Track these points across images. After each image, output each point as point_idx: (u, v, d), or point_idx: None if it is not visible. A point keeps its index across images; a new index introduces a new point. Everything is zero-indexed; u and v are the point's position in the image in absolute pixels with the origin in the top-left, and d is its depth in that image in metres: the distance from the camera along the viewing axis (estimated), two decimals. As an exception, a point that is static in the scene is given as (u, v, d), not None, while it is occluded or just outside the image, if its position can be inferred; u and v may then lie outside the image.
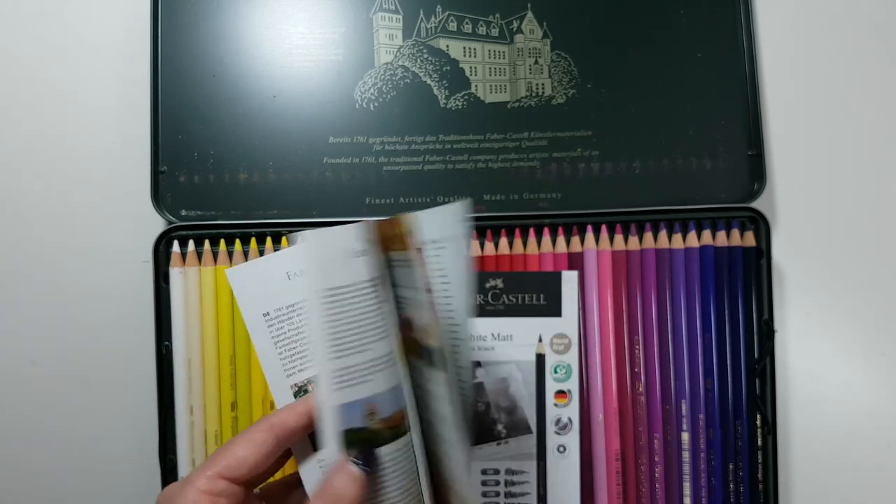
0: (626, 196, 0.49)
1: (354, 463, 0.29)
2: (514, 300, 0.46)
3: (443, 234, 0.33)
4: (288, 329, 0.33)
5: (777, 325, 0.47)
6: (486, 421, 0.46)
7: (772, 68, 0.52)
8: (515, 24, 0.51)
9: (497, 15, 0.51)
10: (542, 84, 0.50)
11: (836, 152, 0.52)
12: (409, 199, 0.49)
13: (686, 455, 0.46)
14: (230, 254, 0.46)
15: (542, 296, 0.46)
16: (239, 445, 0.29)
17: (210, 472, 0.28)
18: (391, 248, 0.34)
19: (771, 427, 0.47)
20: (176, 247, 0.46)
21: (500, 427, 0.46)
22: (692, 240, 0.47)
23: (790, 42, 0.53)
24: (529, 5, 0.51)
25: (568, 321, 0.46)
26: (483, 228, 0.48)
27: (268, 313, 0.33)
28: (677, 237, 0.48)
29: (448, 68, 0.50)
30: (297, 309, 0.33)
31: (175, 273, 0.46)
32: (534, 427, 0.46)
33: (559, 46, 0.50)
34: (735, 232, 0.48)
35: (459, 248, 0.33)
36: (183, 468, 0.45)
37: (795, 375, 0.50)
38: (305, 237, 0.30)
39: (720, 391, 0.47)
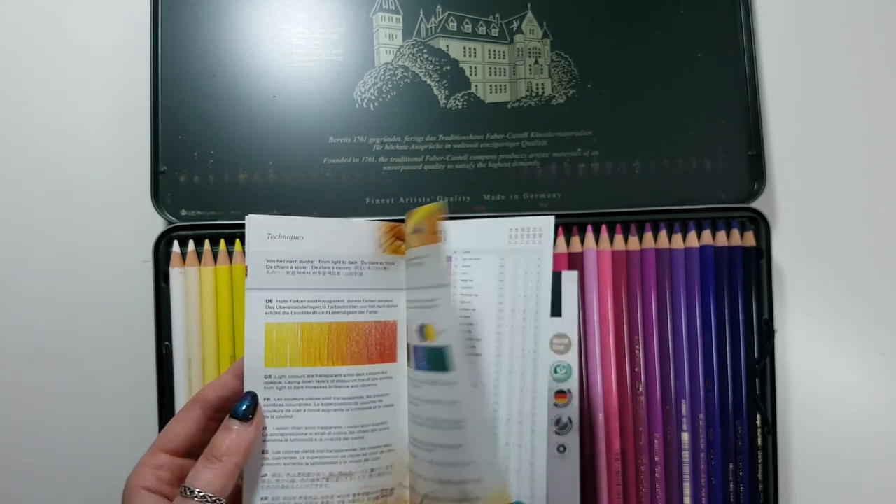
0: (626, 196, 0.49)
1: (231, 417, 0.32)
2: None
3: (477, 247, 0.34)
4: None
5: (777, 325, 0.47)
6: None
7: (772, 68, 0.52)
8: (515, 24, 0.51)
9: (497, 15, 0.51)
10: (542, 84, 0.50)
11: (836, 152, 0.52)
12: (409, 199, 0.49)
13: (686, 455, 0.46)
14: (230, 254, 0.46)
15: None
16: (173, 422, 0.34)
17: (154, 448, 0.33)
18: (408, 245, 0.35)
19: (771, 427, 0.47)
20: (176, 247, 0.46)
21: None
22: (692, 240, 0.47)
23: (790, 42, 0.53)
24: (529, 5, 0.51)
25: (568, 321, 0.46)
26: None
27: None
28: (677, 237, 0.48)
29: (448, 68, 0.50)
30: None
31: (175, 273, 0.46)
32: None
33: (559, 46, 0.50)
34: (735, 232, 0.48)
35: (494, 262, 0.34)
36: (183, 468, 0.45)
37: (795, 375, 0.50)
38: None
39: (720, 391, 0.47)
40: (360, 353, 0.34)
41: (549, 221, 0.33)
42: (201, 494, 0.30)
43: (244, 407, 0.32)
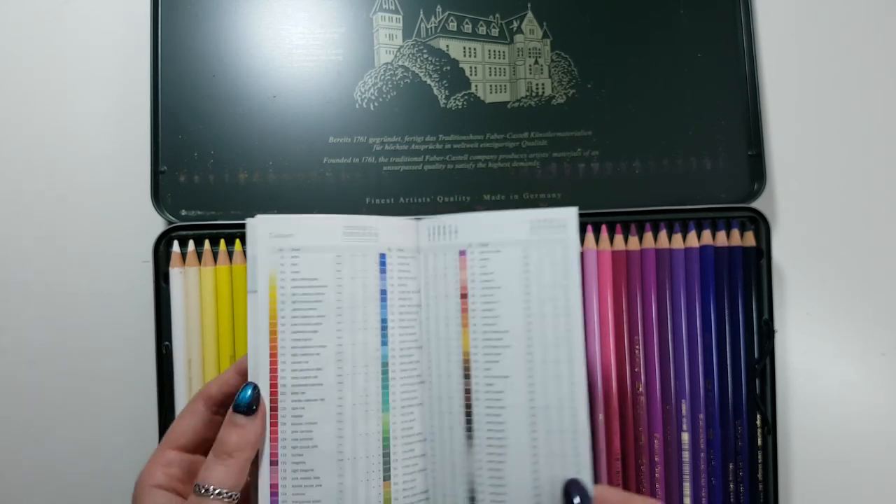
0: (626, 196, 0.49)
1: (237, 412, 0.32)
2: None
3: (495, 239, 0.35)
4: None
5: (777, 325, 0.47)
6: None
7: (772, 68, 0.52)
8: (515, 24, 0.51)
9: (497, 15, 0.51)
10: (542, 84, 0.50)
11: (836, 152, 0.52)
12: (409, 199, 0.49)
13: (686, 455, 0.46)
14: (230, 254, 0.46)
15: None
16: (179, 419, 0.34)
17: (162, 446, 0.34)
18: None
19: (771, 427, 0.47)
20: (176, 247, 0.46)
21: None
22: (692, 240, 0.47)
23: (790, 42, 0.53)
24: (529, 5, 0.51)
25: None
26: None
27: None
28: (677, 237, 0.48)
29: (448, 68, 0.50)
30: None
31: (175, 273, 0.46)
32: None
33: (559, 46, 0.50)
34: (735, 232, 0.48)
35: (517, 254, 0.34)
36: (183, 468, 0.45)
37: (795, 375, 0.50)
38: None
39: (720, 391, 0.47)
40: None
41: (572, 212, 0.34)
42: (216, 492, 0.30)
43: (248, 400, 0.32)
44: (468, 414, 0.35)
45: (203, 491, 0.30)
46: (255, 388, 0.33)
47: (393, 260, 0.36)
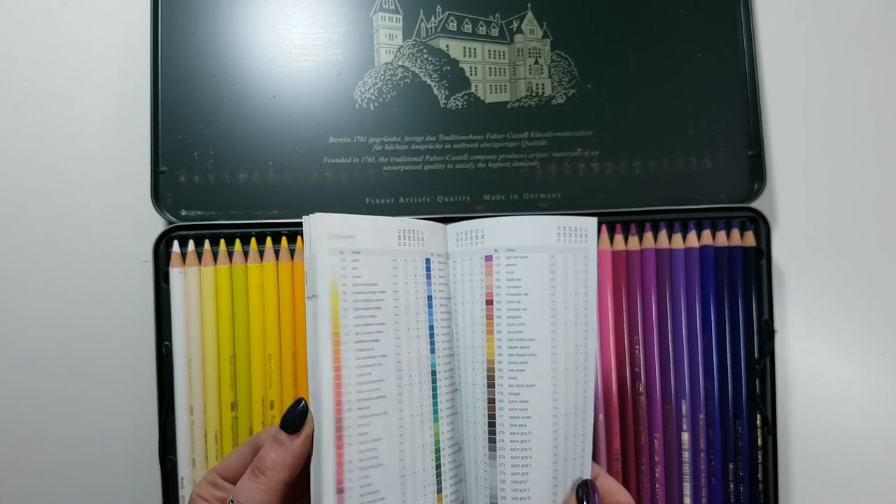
0: (626, 196, 0.49)
1: (280, 427, 0.31)
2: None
3: (523, 244, 0.34)
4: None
5: (777, 325, 0.47)
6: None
7: (772, 68, 0.52)
8: (515, 24, 0.51)
9: (497, 15, 0.51)
10: (542, 84, 0.50)
11: (836, 152, 0.52)
12: (409, 199, 0.49)
13: (686, 455, 0.46)
14: (230, 254, 0.46)
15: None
16: (232, 453, 0.35)
17: (213, 469, 0.34)
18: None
19: (771, 427, 0.47)
20: (176, 247, 0.46)
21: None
22: (692, 240, 0.47)
23: (790, 41, 0.53)
24: (529, 5, 0.51)
25: (568, 321, 0.46)
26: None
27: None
28: (677, 237, 0.48)
29: (448, 68, 0.50)
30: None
31: (175, 273, 0.46)
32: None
33: (559, 46, 0.50)
34: (735, 232, 0.48)
35: (545, 260, 0.34)
36: (183, 468, 0.45)
37: (795, 375, 0.50)
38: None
39: (720, 391, 0.47)
40: None
41: (593, 222, 0.35)
42: None
43: (295, 415, 0.31)
44: (492, 424, 0.34)
45: None
46: (305, 405, 0.31)
47: (435, 265, 0.35)
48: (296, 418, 0.31)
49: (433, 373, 0.34)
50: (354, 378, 0.31)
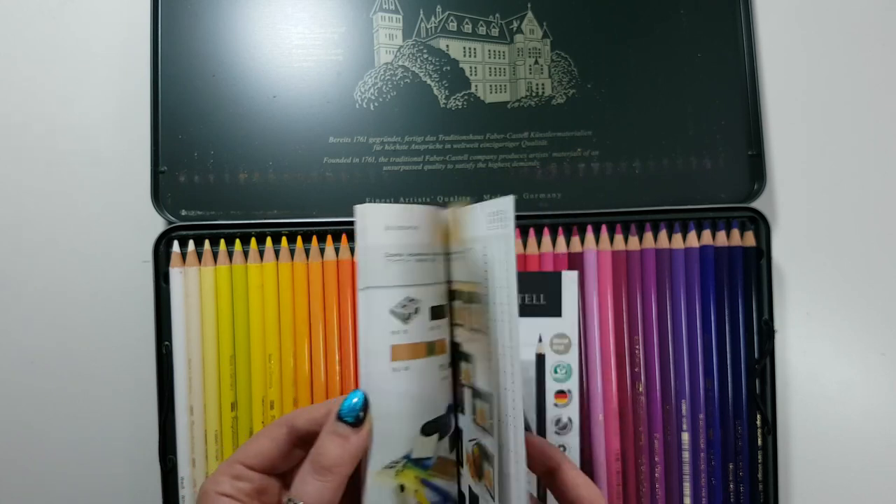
0: (626, 196, 0.49)
1: (341, 421, 0.29)
2: (515, 300, 0.46)
3: (475, 234, 0.31)
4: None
5: (777, 325, 0.47)
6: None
7: (772, 68, 0.52)
8: (515, 24, 0.51)
9: (497, 15, 0.51)
10: (542, 84, 0.50)
11: (836, 152, 0.52)
12: (409, 199, 0.49)
13: (686, 455, 0.46)
14: (230, 254, 0.46)
15: (542, 296, 0.46)
16: (257, 439, 0.31)
17: (232, 460, 0.31)
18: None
19: (771, 427, 0.47)
20: (176, 247, 0.46)
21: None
22: (692, 240, 0.47)
23: (790, 42, 0.53)
24: (529, 5, 0.51)
25: (568, 321, 0.46)
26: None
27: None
28: (677, 237, 0.48)
29: (448, 68, 0.50)
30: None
31: (175, 273, 0.46)
32: (534, 427, 0.46)
33: (559, 46, 0.50)
34: (735, 232, 0.48)
35: (480, 252, 0.31)
36: (183, 468, 0.45)
37: (795, 375, 0.50)
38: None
39: (720, 391, 0.47)
40: None
41: (510, 201, 0.29)
42: None
43: (358, 407, 0.29)
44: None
45: None
46: (366, 397, 0.30)
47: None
48: (361, 409, 0.29)
49: None
50: None
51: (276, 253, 0.46)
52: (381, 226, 0.31)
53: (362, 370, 0.30)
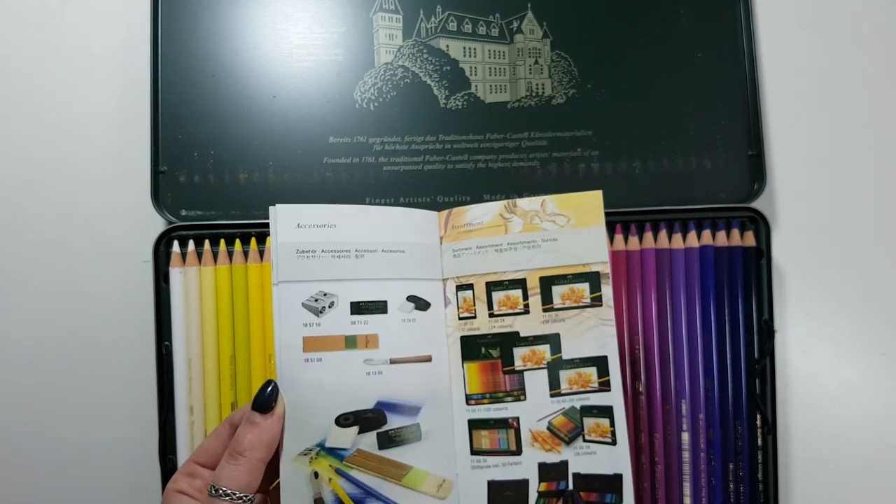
0: (626, 196, 0.49)
1: (254, 410, 0.32)
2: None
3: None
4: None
5: (777, 325, 0.47)
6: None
7: (772, 68, 0.52)
8: (515, 24, 0.51)
9: (497, 15, 0.51)
10: (542, 84, 0.50)
11: (837, 152, 0.52)
12: (409, 199, 0.49)
13: (686, 455, 0.46)
14: (230, 254, 0.46)
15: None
16: (207, 438, 0.35)
17: (188, 460, 0.34)
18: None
19: (771, 427, 0.47)
20: (176, 247, 0.46)
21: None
22: (692, 240, 0.47)
23: (790, 42, 0.53)
24: (529, 5, 0.51)
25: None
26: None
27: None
28: (677, 237, 0.48)
29: (448, 68, 0.50)
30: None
31: (175, 273, 0.46)
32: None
33: (559, 46, 0.50)
34: (735, 232, 0.48)
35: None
36: (183, 468, 0.45)
37: (795, 375, 0.50)
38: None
39: (720, 391, 0.47)
40: None
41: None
42: (228, 492, 0.30)
43: (265, 397, 0.32)
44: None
45: (215, 492, 0.30)
46: (275, 385, 0.32)
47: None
48: (267, 399, 0.32)
49: None
50: None
51: (276, 253, 0.46)
52: (293, 224, 0.34)
53: (277, 361, 0.33)
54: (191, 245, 0.46)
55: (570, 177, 0.50)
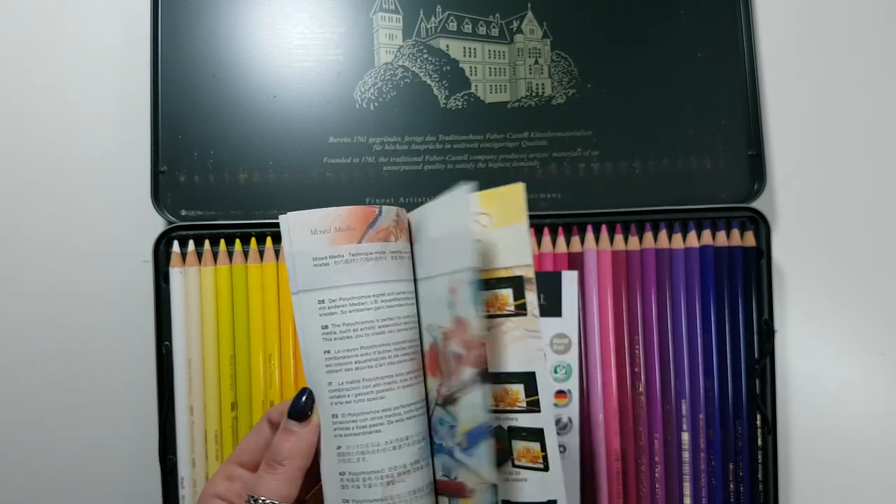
0: (626, 196, 0.49)
1: (290, 418, 0.31)
2: (514, 300, 0.46)
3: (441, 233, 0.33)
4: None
5: (777, 325, 0.47)
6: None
7: (772, 68, 0.52)
8: (515, 24, 0.51)
9: (497, 15, 0.51)
10: (542, 84, 0.50)
11: (836, 152, 0.52)
12: (409, 199, 0.49)
13: (686, 455, 0.46)
14: (230, 254, 0.46)
15: (541, 296, 0.46)
16: (247, 436, 0.34)
17: (228, 461, 0.33)
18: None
19: (771, 427, 0.47)
20: (176, 247, 0.46)
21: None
22: (692, 240, 0.47)
23: (790, 42, 0.53)
24: (529, 5, 0.51)
25: (568, 321, 0.46)
26: (483, 228, 0.48)
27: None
28: (677, 237, 0.48)
29: (448, 68, 0.50)
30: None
31: (175, 273, 0.46)
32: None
33: (559, 46, 0.50)
34: (735, 232, 0.48)
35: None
36: (183, 468, 0.45)
37: (795, 375, 0.50)
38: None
39: (720, 391, 0.47)
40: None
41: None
42: (267, 502, 0.30)
43: (301, 405, 0.31)
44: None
45: (254, 501, 0.30)
46: (310, 393, 0.31)
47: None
48: (303, 407, 0.31)
49: None
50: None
51: (276, 253, 0.46)
52: (307, 231, 0.32)
53: (305, 370, 0.32)
54: (191, 245, 0.46)
55: (570, 177, 0.50)
